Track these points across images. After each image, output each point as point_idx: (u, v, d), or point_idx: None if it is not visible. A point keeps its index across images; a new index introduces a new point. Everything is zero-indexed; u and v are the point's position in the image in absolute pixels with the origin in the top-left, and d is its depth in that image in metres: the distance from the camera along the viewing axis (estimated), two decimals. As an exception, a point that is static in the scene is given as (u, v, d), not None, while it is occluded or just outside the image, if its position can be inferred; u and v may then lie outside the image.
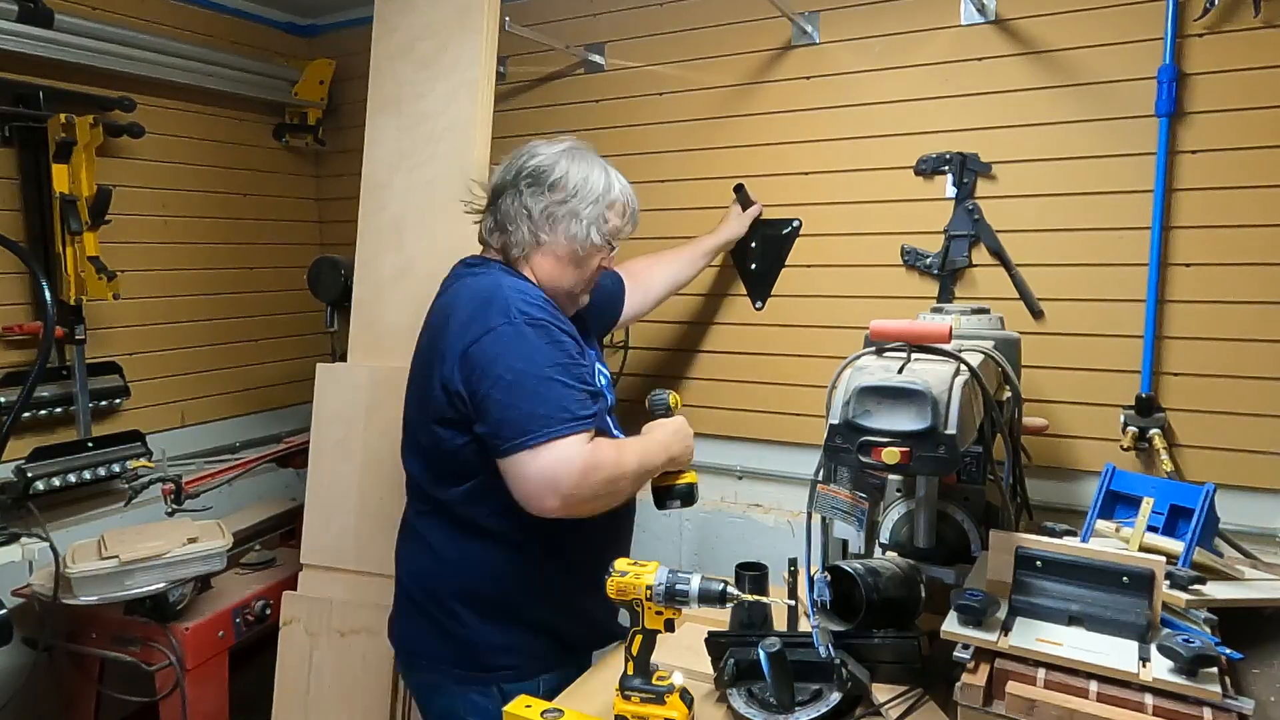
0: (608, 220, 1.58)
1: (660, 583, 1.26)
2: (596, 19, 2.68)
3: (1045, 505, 2.12)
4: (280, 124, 3.16)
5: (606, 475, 1.40)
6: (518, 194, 1.55)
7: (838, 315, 2.38)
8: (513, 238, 1.56)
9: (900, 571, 1.46)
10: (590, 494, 1.39)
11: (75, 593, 1.99)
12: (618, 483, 1.44)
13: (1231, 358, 1.95)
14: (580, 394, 1.41)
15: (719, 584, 1.27)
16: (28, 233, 2.41)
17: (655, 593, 1.26)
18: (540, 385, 1.38)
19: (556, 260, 1.57)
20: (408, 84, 2.23)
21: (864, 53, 2.29)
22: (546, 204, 1.54)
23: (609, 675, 1.51)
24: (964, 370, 1.28)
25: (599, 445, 1.41)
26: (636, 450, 1.51)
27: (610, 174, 1.61)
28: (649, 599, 1.26)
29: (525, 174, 1.55)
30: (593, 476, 1.38)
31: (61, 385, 2.47)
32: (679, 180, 2.58)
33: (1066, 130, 2.08)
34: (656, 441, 1.58)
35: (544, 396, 1.37)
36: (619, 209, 1.61)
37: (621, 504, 1.53)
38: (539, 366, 1.39)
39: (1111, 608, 1.24)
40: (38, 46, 2.33)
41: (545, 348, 1.41)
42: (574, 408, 1.39)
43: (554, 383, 1.38)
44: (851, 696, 1.32)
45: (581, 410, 1.39)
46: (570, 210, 1.54)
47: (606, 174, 1.60)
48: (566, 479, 1.35)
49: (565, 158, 1.57)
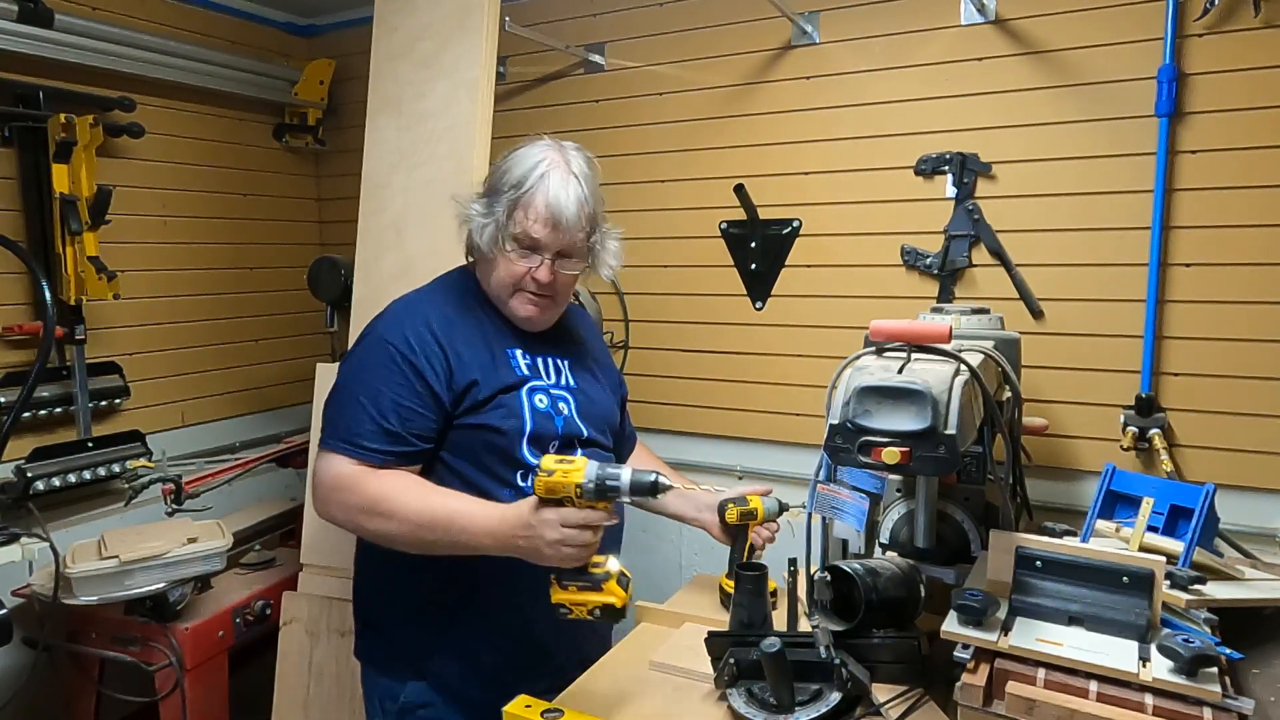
0: (513, 221, 1.42)
1: (590, 479, 1.20)
2: (596, 19, 2.68)
3: (1045, 505, 2.12)
4: (280, 124, 3.16)
5: (359, 506, 1.35)
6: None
7: (838, 315, 2.38)
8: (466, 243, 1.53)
9: (900, 571, 1.46)
10: (340, 516, 1.38)
11: (75, 593, 1.98)
12: (376, 521, 1.35)
13: (1231, 358, 1.96)
14: (375, 427, 1.36)
15: (651, 474, 1.21)
16: (28, 233, 2.41)
17: (585, 489, 1.20)
18: (348, 399, 1.40)
19: (487, 262, 1.49)
20: (408, 84, 2.23)
21: (864, 53, 2.29)
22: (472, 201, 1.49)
23: (608, 674, 1.51)
24: (964, 370, 1.28)
25: (372, 476, 1.36)
26: (430, 506, 1.34)
27: (547, 173, 1.42)
28: (579, 495, 1.21)
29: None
30: (340, 499, 1.36)
31: (61, 385, 2.47)
32: (679, 180, 2.59)
33: (1066, 130, 2.08)
34: (485, 517, 1.30)
35: (344, 409, 1.39)
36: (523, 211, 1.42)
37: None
38: (357, 383, 1.40)
39: (1111, 608, 1.24)
40: (38, 46, 2.33)
41: (378, 369, 1.39)
42: (359, 435, 1.36)
43: (358, 404, 1.38)
44: (851, 696, 1.32)
45: (365, 441, 1.36)
46: (484, 205, 1.46)
47: (537, 170, 1.43)
48: (319, 490, 1.39)
49: (514, 151, 1.47)
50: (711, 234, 2.54)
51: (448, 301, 1.50)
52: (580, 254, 1.48)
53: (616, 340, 2.71)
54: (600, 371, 1.67)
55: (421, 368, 1.39)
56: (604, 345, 1.81)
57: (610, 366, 1.74)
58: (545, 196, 1.40)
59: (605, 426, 1.61)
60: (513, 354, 1.49)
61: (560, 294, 1.50)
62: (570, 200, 1.41)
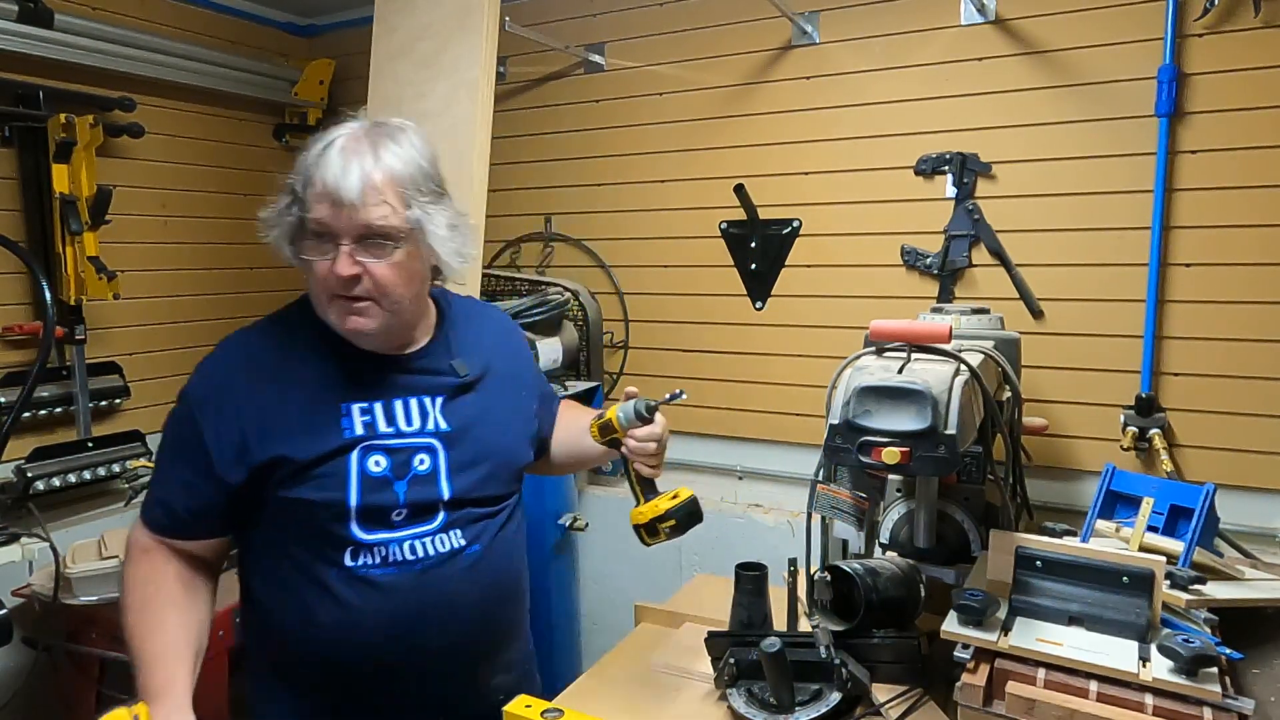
0: (303, 207, 1.18)
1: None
2: (596, 19, 2.68)
3: (1045, 505, 2.12)
4: (280, 124, 3.16)
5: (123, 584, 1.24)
6: None
7: (838, 315, 2.38)
8: None
9: (900, 571, 1.46)
10: None
11: (75, 593, 1.98)
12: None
13: (1231, 358, 1.96)
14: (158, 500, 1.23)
15: None
16: (28, 233, 2.41)
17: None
18: (157, 458, 1.28)
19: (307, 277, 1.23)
20: (408, 84, 2.23)
21: (864, 53, 2.29)
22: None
23: (608, 674, 1.51)
24: (964, 370, 1.28)
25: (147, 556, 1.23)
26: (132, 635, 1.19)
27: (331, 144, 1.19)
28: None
29: None
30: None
31: (61, 385, 2.47)
32: (679, 180, 2.58)
33: (1067, 130, 2.08)
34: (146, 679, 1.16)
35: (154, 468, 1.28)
36: (312, 189, 1.17)
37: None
38: (162, 441, 1.26)
39: (1111, 608, 1.24)
40: (38, 46, 2.33)
41: (172, 429, 1.24)
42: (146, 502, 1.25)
43: (156, 466, 1.27)
44: (851, 696, 1.32)
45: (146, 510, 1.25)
46: (277, 204, 1.24)
47: (321, 145, 1.19)
48: None
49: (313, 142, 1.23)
50: (711, 234, 2.54)
51: (269, 345, 1.26)
52: (394, 236, 1.17)
53: (616, 340, 2.71)
54: (509, 397, 1.39)
55: (208, 441, 1.18)
56: (525, 357, 1.52)
57: (531, 385, 1.47)
58: (323, 171, 1.16)
59: (503, 468, 1.33)
60: (346, 408, 1.22)
61: (388, 294, 1.18)
62: (353, 170, 1.14)
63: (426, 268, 1.25)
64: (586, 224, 2.76)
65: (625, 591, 2.69)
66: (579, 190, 2.76)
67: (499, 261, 2.89)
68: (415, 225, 1.19)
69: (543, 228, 2.83)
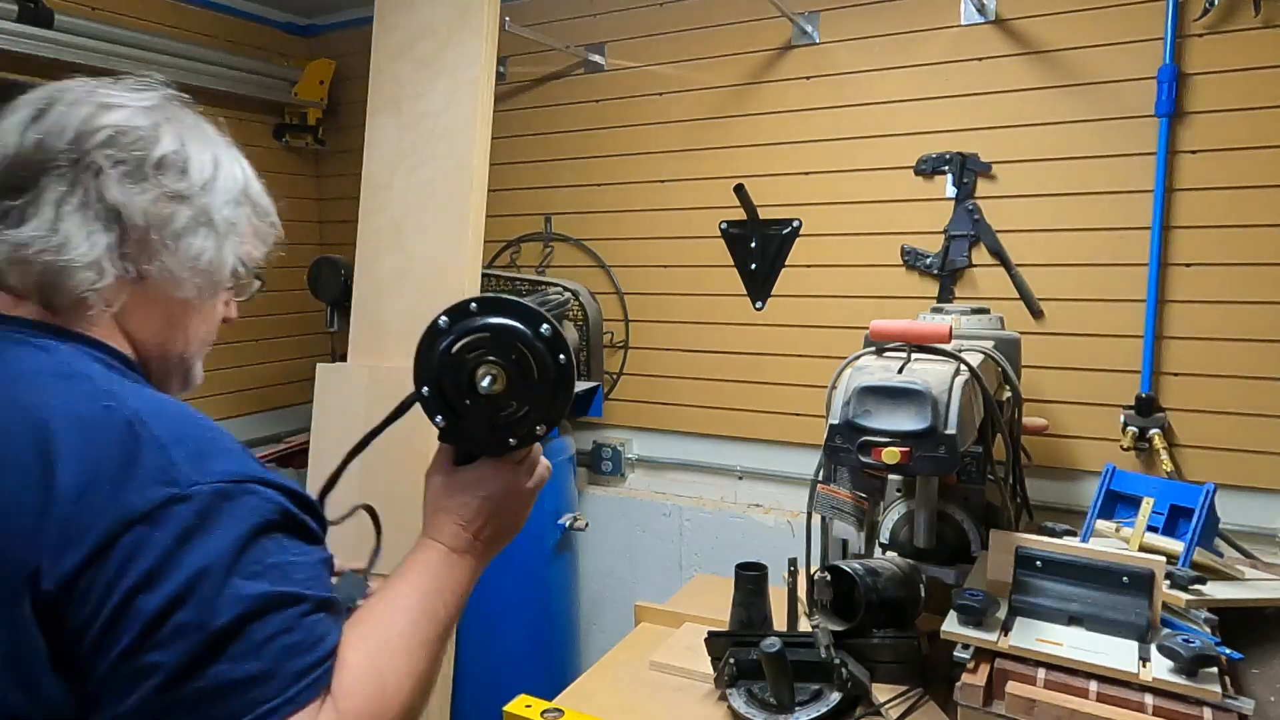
0: (247, 234, 0.93)
1: None
2: (596, 19, 2.68)
3: (1045, 505, 2.12)
4: (280, 124, 3.16)
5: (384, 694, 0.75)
6: (86, 174, 0.80)
7: (838, 315, 2.38)
8: (73, 264, 0.78)
9: (900, 571, 1.46)
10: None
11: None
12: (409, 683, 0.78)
13: (1231, 358, 1.95)
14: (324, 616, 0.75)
15: None
16: (28, 233, 2.41)
17: None
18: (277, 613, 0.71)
19: (173, 305, 0.86)
20: (408, 84, 2.23)
21: (864, 53, 2.29)
22: (156, 199, 0.82)
23: (608, 674, 1.52)
24: (964, 370, 1.28)
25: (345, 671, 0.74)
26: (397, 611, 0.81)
27: (241, 161, 0.92)
28: None
29: (100, 139, 0.80)
30: None
31: (61, 385, 2.47)
32: (679, 180, 2.58)
33: (1066, 130, 2.08)
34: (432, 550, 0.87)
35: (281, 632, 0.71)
36: (260, 215, 0.95)
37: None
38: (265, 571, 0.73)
39: (1111, 608, 1.24)
40: (38, 46, 2.32)
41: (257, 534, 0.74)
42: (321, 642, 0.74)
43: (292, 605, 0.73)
44: (851, 696, 1.32)
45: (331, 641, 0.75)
46: (199, 212, 0.85)
47: (238, 161, 0.92)
48: None
49: (164, 116, 0.86)
50: (712, 234, 2.54)
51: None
52: None
53: (617, 340, 2.72)
54: None
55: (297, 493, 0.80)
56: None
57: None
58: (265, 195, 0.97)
59: None
60: None
61: None
62: None
63: None
64: (586, 224, 2.76)
65: (625, 591, 2.69)
66: (579, 190, 2.76)
67: (499, 261, 2.89)
68: None
69: (543, 228, 2.83)
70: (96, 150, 0.80)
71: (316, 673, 0.70)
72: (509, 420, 0.85)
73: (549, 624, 2.46)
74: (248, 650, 0.67)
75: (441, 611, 0.83)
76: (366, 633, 0.77)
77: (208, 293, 0.88)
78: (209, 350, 0.95)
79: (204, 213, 0.86)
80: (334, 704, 0.70)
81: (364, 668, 0.74)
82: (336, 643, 0.73)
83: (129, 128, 0.82)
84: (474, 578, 0.89)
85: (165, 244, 0.83)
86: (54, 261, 0.78)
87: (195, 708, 0.65)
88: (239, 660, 0.66)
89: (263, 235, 0.96)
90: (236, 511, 0.70)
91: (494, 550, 0.91)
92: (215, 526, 0.68)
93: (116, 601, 0.64)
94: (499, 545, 0.91)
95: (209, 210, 0.86)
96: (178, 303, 0.86)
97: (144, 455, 0.69)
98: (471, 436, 0.89)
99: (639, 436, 2.74)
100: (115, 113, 0.82)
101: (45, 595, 0.65)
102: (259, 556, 0.69)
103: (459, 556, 0.87)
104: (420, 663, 0.79)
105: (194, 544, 0.67)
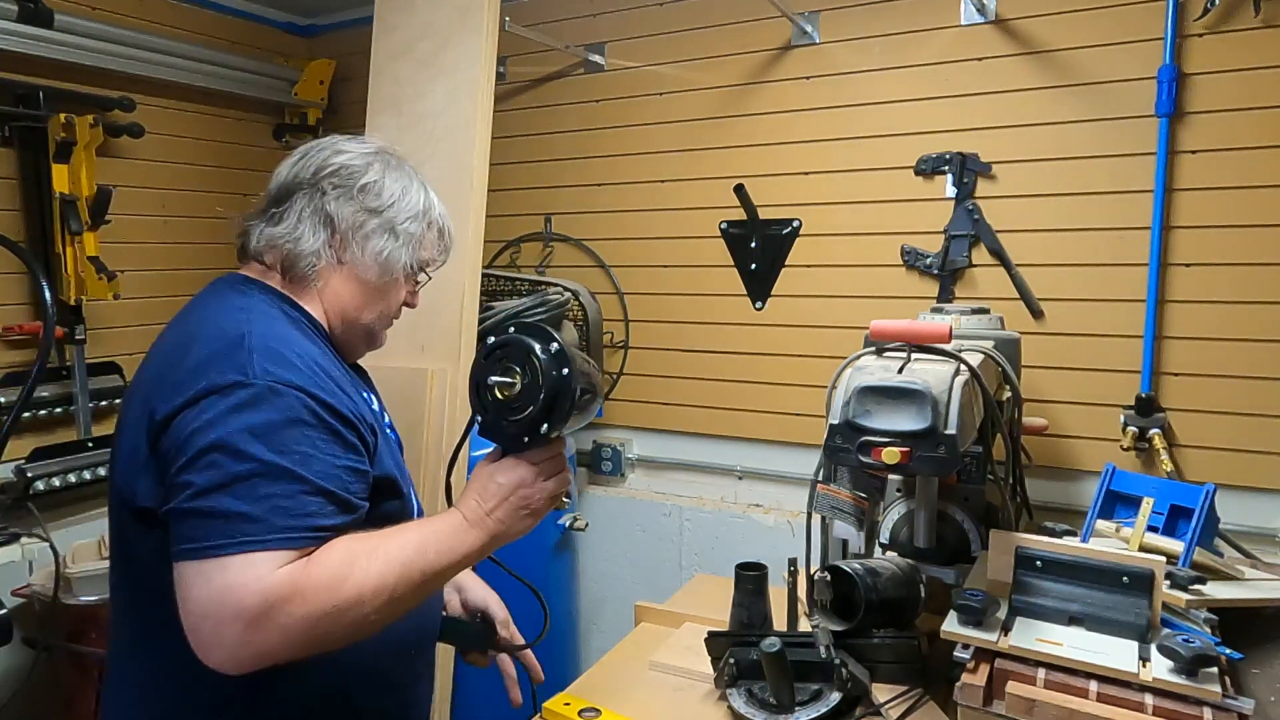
0: (424, 244, 1.26)
1: None
2: (596, 19, 2.68)
3: (1045, 505, 2.12)
4: (280, 124, 3.16)
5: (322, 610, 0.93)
6: (317, 194, 1.20)
7: (838, 315, 2.38)
8: (303, 251, 1.18)
9: (900, 571, 1.46)
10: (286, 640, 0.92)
11: (75, 593, 1.99)
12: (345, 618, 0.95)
13: (1231, 358, 1.96)
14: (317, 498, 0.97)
15: None
16: (28, 233, 2.41)
17: None
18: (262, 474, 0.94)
19: (360, 286, 1.21)
20: (408, 84, 2.23)
21: (864, 53, 2.29)
22: (357, 212, 1.20)
23: (608, 674, 1.52)
24: (964, 370, 1.28)
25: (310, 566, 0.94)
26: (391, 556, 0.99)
27: (430, 193, 1.29)
28: None
29: (328, 172, 1.21)
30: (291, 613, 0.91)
31: (61, 385, 2.47)
32: (679, 180, 2.59)
33: (1066, 130, 2.08)
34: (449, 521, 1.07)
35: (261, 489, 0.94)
36: (435, 234, 1.29)
37: None
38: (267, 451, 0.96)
39: (1111, 608, 1.24)
40: (38, 46, 2.33)
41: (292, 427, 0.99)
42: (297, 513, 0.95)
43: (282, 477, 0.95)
44: (851, 696, 1.32)
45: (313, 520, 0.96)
46: (385, 223, 1.21)
47: (425, 192, 1.29)
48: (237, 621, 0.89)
49: (379, 161, 1.24)
50: (712, 234, 2.54)
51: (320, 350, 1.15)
52: None
53: (617, 340, 2.72)
54: None
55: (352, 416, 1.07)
56: None
57: None
58: (445, 218, 1.30)
59: None
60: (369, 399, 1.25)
61: None
62: None
63: None
64: (586, 224, 2.76)
65: (625, 591, 2.69)
66: (579, 190, 2.76)
67: (499, 261, 2.89)
68: None
69: (543, 228, 2.83)
70: (325, 179, 1.20)
71: (297, 535, 0.94)
72: (521, 420, 1.05)
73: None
74: (249, 495, 0.93)
75: (432, 556, 1.03)
76: (366, 539, 1.00)
77: (385, 280, 1.23)
78: (391, 325, 1.30)
79: (389, 223, 1.22)
80: (306, 564, 0.94)
81: (344, 552, 0.97)
82: (329, 525, 0.97)
83: (348, 165, 1.22)
84: (477, 550, 1.08)
85: (357, 242, 1.20)
86: (292, 249, 1.19)
87: (204, 520, 0.92)
88: (240, 499, 0.93)
89: (436, 247, 1.30)
90: (278, 403, 0.98)
91: (503, 532, 1.09)
92: (260, 407, 0.97)
93: (184, 437, 0.96)
94: (509, 530, 1.09)
95: (393, 222, 1.22)
96: (362, 285, 1.22)
97: (237, 355, 1.01)
98: (497, 432, 1.09)
99: (639, 436, 2.74)
100: (342, 156, 1.23)
101: (155, 424, 0.99)
102: (286, 439, 0.97)
103: (469, 526, 1.07)
104: (390, 577, 0.98)
105: (242, 414, 0.96)
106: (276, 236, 1.20)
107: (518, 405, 1.05)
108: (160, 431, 0.98)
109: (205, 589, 0.90)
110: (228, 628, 0.89)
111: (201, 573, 0.91)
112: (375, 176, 1.22)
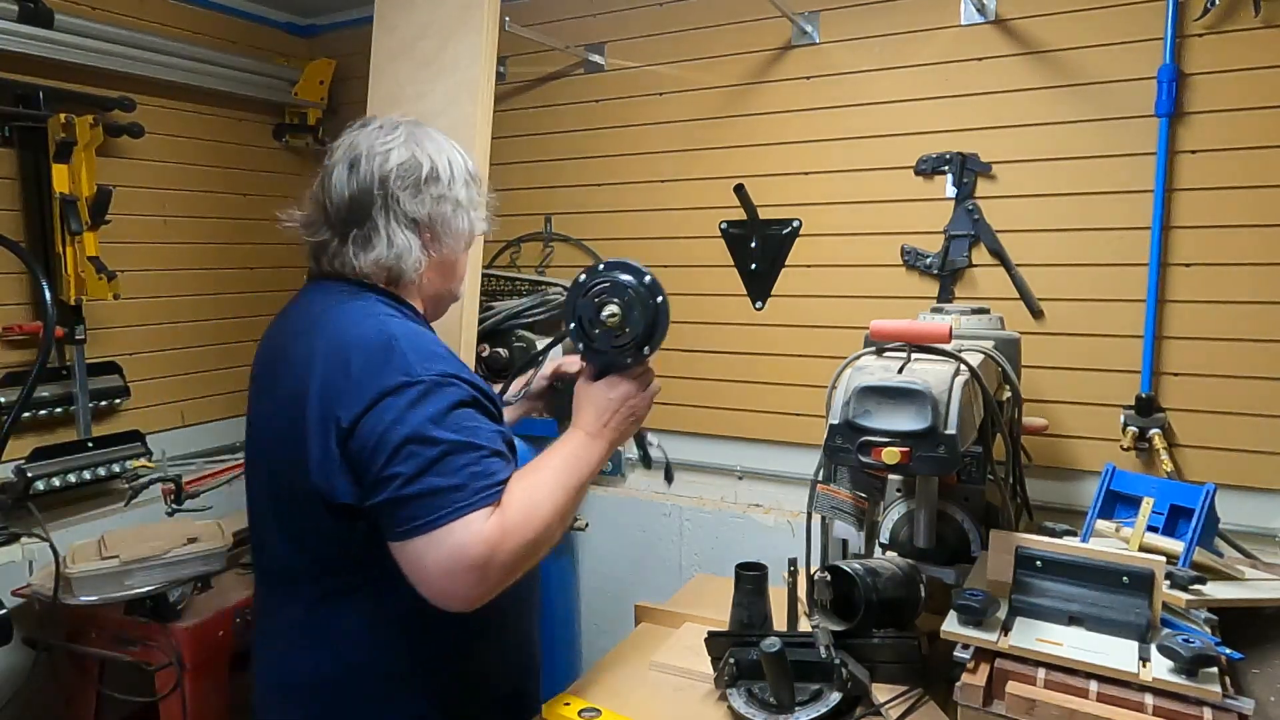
0: (475, 200, 1.36)
1: None
2: (596, 19, 2.68)
3: (1045, 505, 2.12)
4: (280, 124, 3.16)
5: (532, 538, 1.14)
6: (393, 202, 1.26)
7: (838, 315, 2.38)
8: (405, 258, 1.27)
9: (900, 571, 1.46)
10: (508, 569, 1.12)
11: (75, 593, 1.98)
12: (545, 537, 1.17)
13: (1231, 358, 1.95)
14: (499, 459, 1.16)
15: None
16: (28, 233, 2.41)
17: None
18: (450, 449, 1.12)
19: (443, 267, 1.34)
20: (408, 83, 2.22)
21: (864, 53, 2.29)
22: (432, 203, 1.29)
23: (608, 674, 1.52)
24: (964, 370, 1.28)
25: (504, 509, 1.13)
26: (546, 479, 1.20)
27: (454, 146, 1.36)
28: None
29: (393, 177, 1.26)
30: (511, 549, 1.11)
31: (61, 385, 2.47)
32: (679, 180, 2.58)
33: (1066, 130, 2.08)
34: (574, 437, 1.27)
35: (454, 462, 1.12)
36: (477, 184, 1.38)
37: None
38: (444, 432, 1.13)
39: (1111, 608, 1.24)
40: (38, 46, 2.32)
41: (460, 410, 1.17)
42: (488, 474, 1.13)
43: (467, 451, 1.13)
44: (851, 696, 1.32)
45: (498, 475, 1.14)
46: (452, 201, 1.31)
47: (453, 148, 1.35)
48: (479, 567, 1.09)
49: (414, 143, 1.30)
50: (711, 234, 2.54)
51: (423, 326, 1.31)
52: None
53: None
54: None
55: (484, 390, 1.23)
56: None
57: None
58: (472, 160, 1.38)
59: None
60: None
61: None
62: None
63: None
64: (586, 224, 2.76)
65: (625, 591, 2.69)
66: (579, 190, 2.76)
67: (499, 261, 2.89)
68: None
69: (543, 228, 2.83)
70: (393, 184, 1.26)
71: (491, 491, 1.11)
72: (624, 343, 1.26)
73: (549, 624, 2.46)
74: (449, 470, 1.09)
75: (576, 471, 1.23)
76: (526, 475, 1.18)
77: (464, 248, 1.37)
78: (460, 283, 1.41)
79: (456, 200, 1.31)
80: (500, 512, 1.11)
81: (522, 493, 1.14)
82: (507, 477, 1.14)
83: (403, 162, 1.27)
84: (604, 455, 1.28)
85: (446, 230, 1.31)
86: (397, 264, 1.28)
87: (420, 500, 1.08)
88: (444, 475, 1.09)
89: (481, 195, 1.38)
90: (445, 393, 1.14)
91: (619, 437, 1.30)
92: (432, 400, 1.12)
93: (375, 438, 1.10)
94: (621, 436, 1.30)
95: (456, 197, 1.31)
96: (447, 262, 1.35)
97: (394, 358, 1.15)
98: (601, 356, 1.29)
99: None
100: (392, 154, 1.27)
101: (342, 430, 1.13)
102: (457, 420, 1.13)
103: (592, 439, 1.27)
104: (559, 499, 1.18)
105: (419, 408, 1.11)
106: (381, 259, 1.27)
107: (622, 331, 1.25)
108: (347, 436, 1.13)
109: (440, 552, 1.07)
110: (465, 577, 1.08)
111: (433, 541, 1.08)
112: (426, 161, 1.29)
